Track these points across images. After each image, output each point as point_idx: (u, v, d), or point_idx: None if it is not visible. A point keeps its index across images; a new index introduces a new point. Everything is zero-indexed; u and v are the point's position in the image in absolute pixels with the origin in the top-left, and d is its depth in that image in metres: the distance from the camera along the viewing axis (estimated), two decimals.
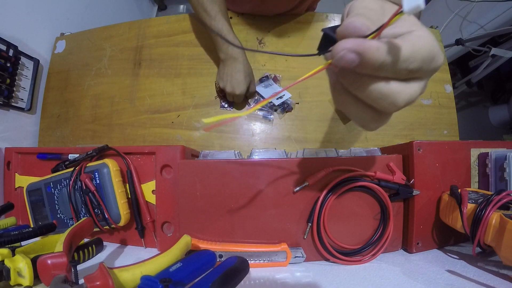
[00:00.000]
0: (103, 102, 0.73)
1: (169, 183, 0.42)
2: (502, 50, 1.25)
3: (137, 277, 0.27)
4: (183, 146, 0.43)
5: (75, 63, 0.77)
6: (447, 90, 0.74)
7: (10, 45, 0.64)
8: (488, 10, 1.26)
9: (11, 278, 0.29)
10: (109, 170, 0.41)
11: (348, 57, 0.16)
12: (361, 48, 0.16)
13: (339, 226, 0.39)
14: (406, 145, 0.41)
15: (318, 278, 0.35)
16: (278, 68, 0.71)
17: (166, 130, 0.69)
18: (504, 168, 0.40)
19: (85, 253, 0.35)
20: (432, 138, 0.70)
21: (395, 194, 0.40)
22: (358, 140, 0.70)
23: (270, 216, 0.39)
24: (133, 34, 0.75)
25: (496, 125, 1.84)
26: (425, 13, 1.69)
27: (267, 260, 0.38)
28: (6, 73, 0.63)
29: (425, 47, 0.18)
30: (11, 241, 0.32)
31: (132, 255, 0.42)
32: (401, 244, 0.42)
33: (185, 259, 0.32)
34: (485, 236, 0.33)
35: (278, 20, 0.73)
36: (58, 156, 0.49)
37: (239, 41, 0.62)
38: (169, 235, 0.43)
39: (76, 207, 0.43)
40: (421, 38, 0.18)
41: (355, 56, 0.16)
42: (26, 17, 0.71)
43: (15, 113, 0.68)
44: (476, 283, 0.32)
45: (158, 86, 0.71)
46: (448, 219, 0.38)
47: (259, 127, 0.69)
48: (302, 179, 0.38)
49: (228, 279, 0.30)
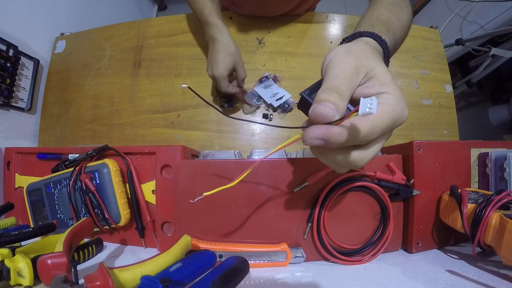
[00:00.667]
0: (103, 102, 0.73)
1: (169, 183, 0.42)
2: (502, 50, 1.25)
3: (137, 277, 0.27)
4: (183, 146, 0.43)
5: (75, 63, 0.77)
6: (447, 90, 0.74)
7: (10, 45, 0.64)
8: (488, 10, 1.26)
9: (11, 278, 0.29)
10: (109, 170, 0.41)
11: (315, 142, 0.20)
12: (325, 136, 0.20)
13: (339, 226, 0.39)
14: (406, 145, 0.41)
15: (318, 278, 0.35)
16: (278, 68, 0.71)
17: (166, 130, 0.69)
18: (504, 168, 0.40)
19: (85, 253, 0.35)
20: (432, 138, 0.70)
21: (395, 194, 0.40)
22: None
23: (270, 216, 0.39)
24: (133, 34, 0.76)
25: (496, 125, 1.84)
26: (425, 13, 1.69)
27: (267, 260, 0.38)
28: (6, 73, 0.63)
29: (385, 119, 0.21)
30: (11, 241, 0.32)
31: (132, 255, 0.42)
32: (401, 244, 0.42)
33: (185, 259, 0.32)
34: (485, 236, 0.33)
35: (278, 20, 0.73)
36: (58, 156, 0.49)
37: (223, 23, 0.58)
38: (169, 235, 0.43)
39: (76, 207, 0.43)
40: (383, 109, 0.21)
41: (321, 141, 0.20)
42: (26, 17, 0.71)
43: (15, 113, 0.68)
44: (476, 283, 0.32)
45: (158, 86, 0.71)
46: (448, 219, 0.38)
47: (259, 127, 0.69)
48: (302, 179, 0.38)
49: (228, 279, 0.30)
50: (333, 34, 0.74)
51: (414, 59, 0.74)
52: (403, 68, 0.73)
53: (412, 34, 0.76)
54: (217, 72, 0.55)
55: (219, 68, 0.55)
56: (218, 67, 0.55)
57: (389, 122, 0.21)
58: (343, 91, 0.21)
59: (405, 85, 0.73)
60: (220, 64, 0.55)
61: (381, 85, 0.22)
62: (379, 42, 0.29)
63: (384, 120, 0.21)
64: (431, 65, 0.75)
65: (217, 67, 0.55)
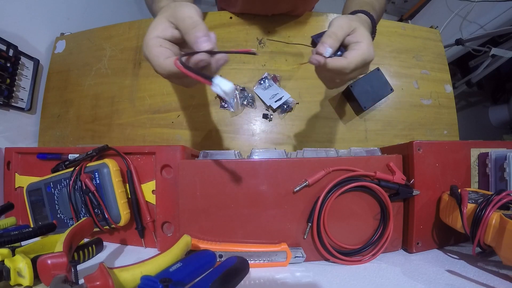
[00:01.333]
0: (103, 102, 0.73)
1: (169, 183, 0.42)
2: (502, 50, 1.25)
3: (137, 277, 0.27)
4: (183, 146, 0.43)
5: (75, 63, 0.77)
6: (447, 90, 0.74)
7: (10, 45, 0.64)
8: (488, 10, 1.26)
9: (11, 278, 0.29)
10: (109, 170, 0.41)
11: (314, 62, 0.36)
12: (319, 60, 0.35)
13: (339, 226, 0.39)
14: (406, 145, 0.41)
15: (318, 278, 0.35)
16: (278, 68, 0.71)
17: (166, 130, 0.69)
18: (504, 168, 0.40)
19: (85, 253, 0.35)
20: (432, 138, 0.71)
21: (395, 194, 0.40)
22: (358, 140, 0.70)
23: (270, 216, 0.39)
24: (133, 34, 0.75)
25: (496, 125, 1.84)
26: (425, 13, 1.69)
27: (267, 260, 0.38)
28: (6, 73, 0.63)
29: (357, 58, 0.35)
30: (11, 241, 0.32)
31: (132, 255, 0.42)
32: (401, 244, 0.42)
33: (185, 259, 0.32)
34: (485, 236, 0.33)
35: (278, 20, 0.73)
36: (58, 156, 0.49)
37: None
38: (169, 235, 0.43)
39: (76, 207, 0.43)
40: (358, 51, 0.36)
41: (316, 62, 0.36)
42: (26, 17, 0.71)
43: (15, 113, 0.68)
44: (476, 283, 0.32)
45: (158, 86, 0.71)
46: (448, 219, 0.38)
47: (259, 127, 0.69)
48: (302, 179, 0.38)
49: (228, 279, 0.30)
50: None
51: (414, 59, 0.74)
52: (403, 68, 0.74)
53: (412, 34, 0.77)
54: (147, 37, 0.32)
55: (148, 33, 0.32)
56: (148, 31, 0.32)
57: (360, 60, 0.35)
58: (338, 35, 0.36)
59: (405, 85, 0.73)
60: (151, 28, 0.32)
61: (360, 36, 0.36)
62: (369, 17, 0.43)
63: (356, 59, 0.35)
64: (431, 65, 0.75)
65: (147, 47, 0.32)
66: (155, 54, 0.31)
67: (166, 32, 0.32)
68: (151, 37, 0.32)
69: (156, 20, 0.33)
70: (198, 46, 0.29)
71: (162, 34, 0.32)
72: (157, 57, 0.31)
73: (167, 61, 0.31)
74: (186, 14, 0.31)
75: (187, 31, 0.30)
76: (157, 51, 0.31)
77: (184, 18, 0.31)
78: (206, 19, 0.73)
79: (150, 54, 0.32)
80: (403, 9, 1.89)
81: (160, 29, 0.32)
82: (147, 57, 0.32)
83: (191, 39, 0.30)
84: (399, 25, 0.76)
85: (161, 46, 0.32)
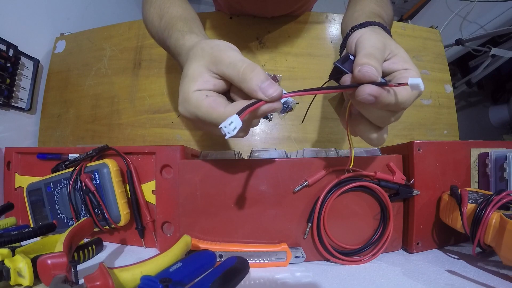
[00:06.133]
0: (103, 102, 0.73)
1: (169, 183, 0.42)
2: (502, 50, 1.25)
3: (137, 277, 0.27)
4: (183, 146, 0.43)
5: (75, 63, 0.77)
6: (447, 90, 0.74)
7: (10, 45, 0.64)
8: (488, 10, 1.26)
9: (11, 278, 0.29)
10: (109, 170, 0.41)
11: (369, 99, 0.24)
12: (378, 93, 0.24)
13: (339, 226, 0.39)
14: (406, 145, 0.41)
15: (318, 278, 0.35)
16: (278, 68, 0.71)
17: (166, 130, 0.69)
18: (504, 168, 0.40)
19: (85, 253, 0.35)
20: (432, 138, 0.70)
21: (395, 194, 0.40)
22: (358, 140, 0.70)
23: (270, 216, 0.39)
24: (133, 34, 0.75)
25: (496, 125, 1.84)
26: (425, 13, 1.69)
27: (267, 260, 0.38)
28: (6, 73, 0.63)
29: (414, 95, 0.26)
30: (11, 241, 0.32)
31: (132, 255, 0.42)
32: (401, 244, 0.42)
33: (185, 259, 0.32)
34: (485, 236, 0.33)
35: (278, 20, 0.73)
36: (58, 156, 0.49)
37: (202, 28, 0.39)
38: (169, 235, 0.43)
39: (76, 207, 0.43)
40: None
41: (372, 98, 0.24)
42: (26, 17, 0.71)
43: (15, 113, 0.68)
44: (476, 283, 0.32)
45: (158, 86, 0.71)
46: (448, 219, 0.38)
47: (259, 127, 0.69)
48: (302, 179, 0.38)
49: (228, 279, 0.30)
50: (333, 34, 0.74)
51: (414, 59, 0.74)
52: None
53: (412, 34, 0.76)
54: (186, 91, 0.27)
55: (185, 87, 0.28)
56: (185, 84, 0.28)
57: (417, 95, 0.27)
58: (378, 58, 0.26)
59: None
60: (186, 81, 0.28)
61: (405, 62, 0.28)
62: (386, 30, 0.33)
63: (414, 95, 0.26)
64: (431, 65, 0.75)
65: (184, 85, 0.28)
66: (208, 107, 0.26)
67: (208, 85, 0.27)
68: (192, 90, 0.27)
69: (191, 71, 0.28)
70: (263, 94, 0.25)
71: (203, 87, 0.27)
72: (212, 108, 0.26)
73: (228, 109, 0.25)
74: (236, 58, 0.26)
75: (244, 79, 0.25)
76: (209, 103, 0.26)
77: (235, 63, 0.26)
78: (206, 19, 0.73)
79: (200, 109, 0.26)
80: (403, 9, 1.89)
81: (201, 81, 0.27)
82: (194, 114, 0.27)
83: (252, 87, 0.25)
84: (399, 25, 0.76)
85: (208, 96, 0.27)
